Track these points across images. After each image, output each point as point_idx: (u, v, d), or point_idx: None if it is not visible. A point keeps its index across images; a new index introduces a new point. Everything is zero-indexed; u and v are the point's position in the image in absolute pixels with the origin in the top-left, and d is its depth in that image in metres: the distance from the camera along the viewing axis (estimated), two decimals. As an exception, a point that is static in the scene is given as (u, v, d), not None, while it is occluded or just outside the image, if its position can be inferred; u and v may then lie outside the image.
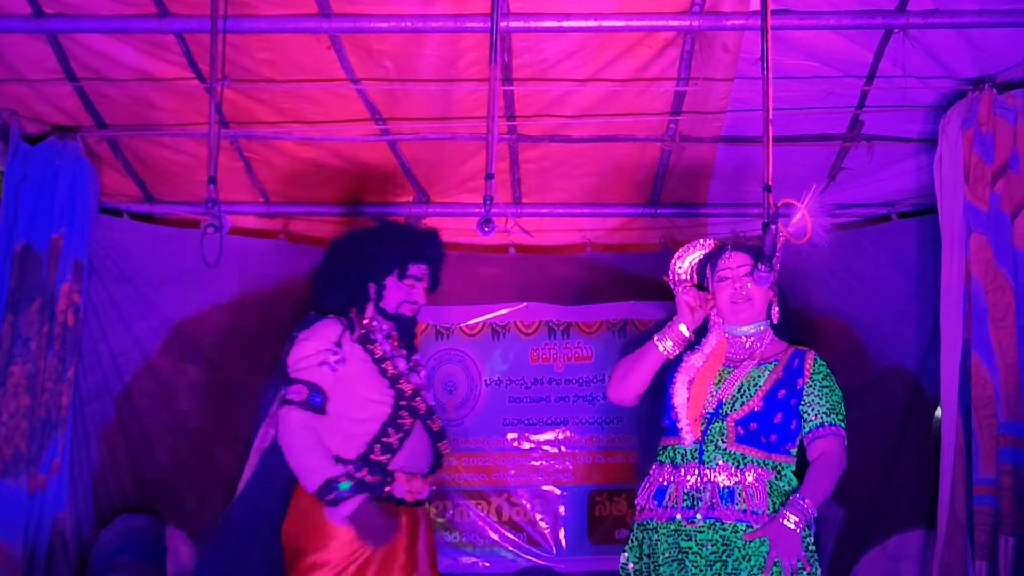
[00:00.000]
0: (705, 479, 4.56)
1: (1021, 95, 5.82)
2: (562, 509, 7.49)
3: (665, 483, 4.65)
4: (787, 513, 4.47)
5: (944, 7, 5.57)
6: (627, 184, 7.27)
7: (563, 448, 7.52)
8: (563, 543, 7.45)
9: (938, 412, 6.46)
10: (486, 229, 4.58)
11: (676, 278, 5.00)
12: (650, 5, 5.66)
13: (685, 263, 4.99)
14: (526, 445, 7.56)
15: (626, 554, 4.78)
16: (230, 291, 7.43)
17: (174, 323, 7.37)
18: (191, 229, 7.12)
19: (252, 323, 7.42)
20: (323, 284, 5.38)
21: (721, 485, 4.54)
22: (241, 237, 7.38)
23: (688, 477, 4.59)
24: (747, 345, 4.78)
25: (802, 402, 4.64)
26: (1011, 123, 5.82)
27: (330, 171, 7.09)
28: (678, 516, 4.55)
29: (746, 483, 4.53)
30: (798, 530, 4.46)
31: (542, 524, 7.48)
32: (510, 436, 7.57)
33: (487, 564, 7.50)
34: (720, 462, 4.56)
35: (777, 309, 4.79)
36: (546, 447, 7.54)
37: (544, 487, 7.50)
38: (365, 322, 5.25)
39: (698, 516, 4.52)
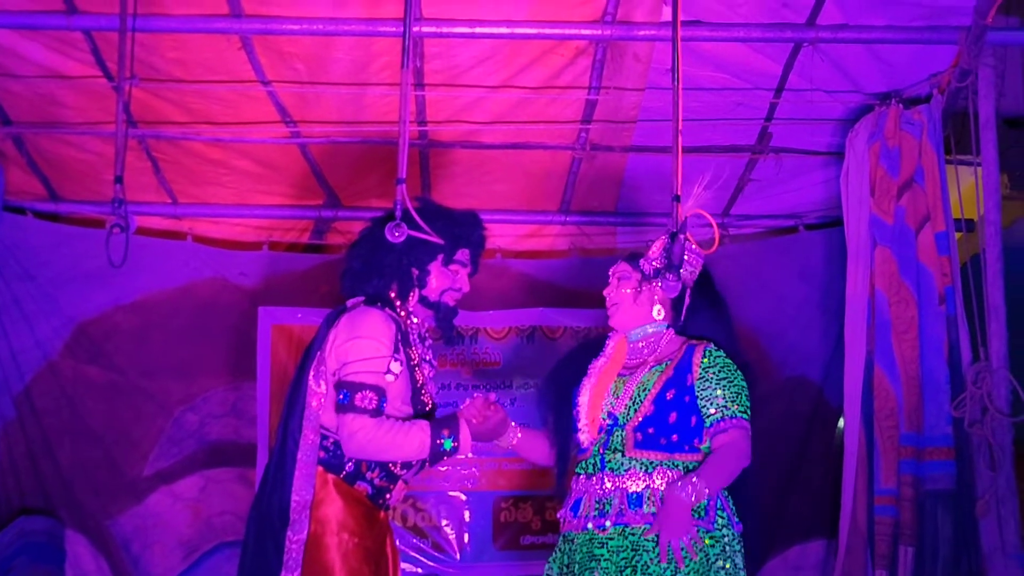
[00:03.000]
0: (615, 486, 4.56)
1: (927, 111, 5.90)
2: (467, 515, 7.47)
3: (580, 494, 4.65)
4: (675, 486, 4.39)
5: (853, 23, 5.64)
6: (537, 191, 7.28)
7: (469, 454, 7.47)
8: (468, 549, 7.43)
9: (841, 422, 6.53)
10: (396, 234, 4.55)
11: None
12: (562, 14, 5.68)
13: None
14: (432, 450, 7.50)
15: (549, 565, 4.79)
16: (135, 292, 7.34)
17: (77, 323, 7.27)
18: (97, 229, 7.03)
19: (156, 325, 7.36)
20: (360, 267, 4.83)
21: (630, 491, 4.51)
22: (147, 238, 7.29)
23: (598, 486, 4.59)
24: (642, 348, 4.76)
25: (698, 397, 4.59)
26: (916, 138, 5.90)
27: (239, 173, 7.03)
28: (590, 525, 4.55)
29: (654, 486, 4.50)
30: (688, 500, 4.35)
31: (447, 530, 7.46)
32: (416, 441, 7.51)
33: (391, 569, 7.45)
34: (628, 469, 4.55)
35: (671, 313, 4.75)
36: (452, 453, 7.51)
37: (450, 492, 7.47)
38: (403, 314, 4.81)
39: (608, 523, 4.50)
